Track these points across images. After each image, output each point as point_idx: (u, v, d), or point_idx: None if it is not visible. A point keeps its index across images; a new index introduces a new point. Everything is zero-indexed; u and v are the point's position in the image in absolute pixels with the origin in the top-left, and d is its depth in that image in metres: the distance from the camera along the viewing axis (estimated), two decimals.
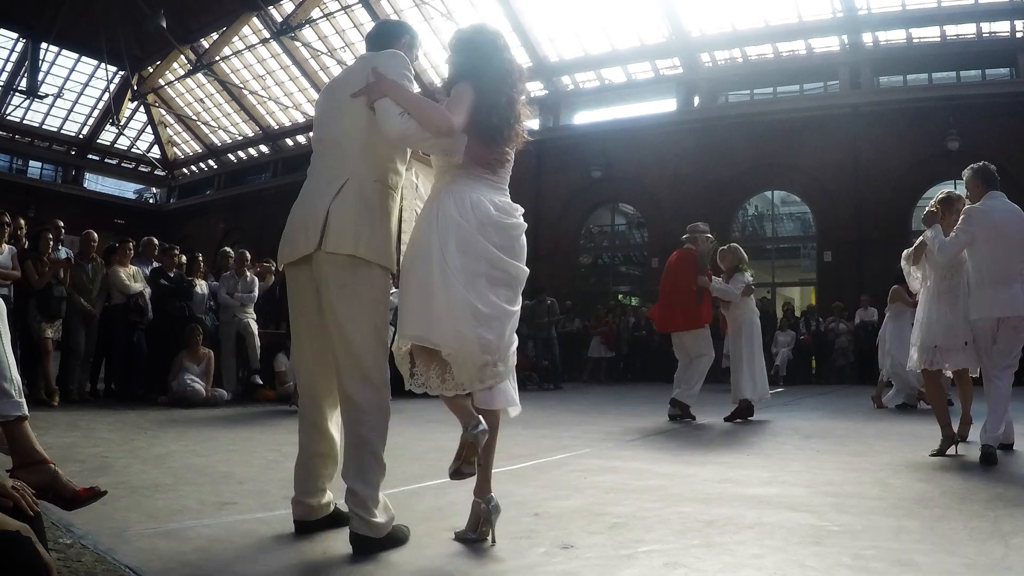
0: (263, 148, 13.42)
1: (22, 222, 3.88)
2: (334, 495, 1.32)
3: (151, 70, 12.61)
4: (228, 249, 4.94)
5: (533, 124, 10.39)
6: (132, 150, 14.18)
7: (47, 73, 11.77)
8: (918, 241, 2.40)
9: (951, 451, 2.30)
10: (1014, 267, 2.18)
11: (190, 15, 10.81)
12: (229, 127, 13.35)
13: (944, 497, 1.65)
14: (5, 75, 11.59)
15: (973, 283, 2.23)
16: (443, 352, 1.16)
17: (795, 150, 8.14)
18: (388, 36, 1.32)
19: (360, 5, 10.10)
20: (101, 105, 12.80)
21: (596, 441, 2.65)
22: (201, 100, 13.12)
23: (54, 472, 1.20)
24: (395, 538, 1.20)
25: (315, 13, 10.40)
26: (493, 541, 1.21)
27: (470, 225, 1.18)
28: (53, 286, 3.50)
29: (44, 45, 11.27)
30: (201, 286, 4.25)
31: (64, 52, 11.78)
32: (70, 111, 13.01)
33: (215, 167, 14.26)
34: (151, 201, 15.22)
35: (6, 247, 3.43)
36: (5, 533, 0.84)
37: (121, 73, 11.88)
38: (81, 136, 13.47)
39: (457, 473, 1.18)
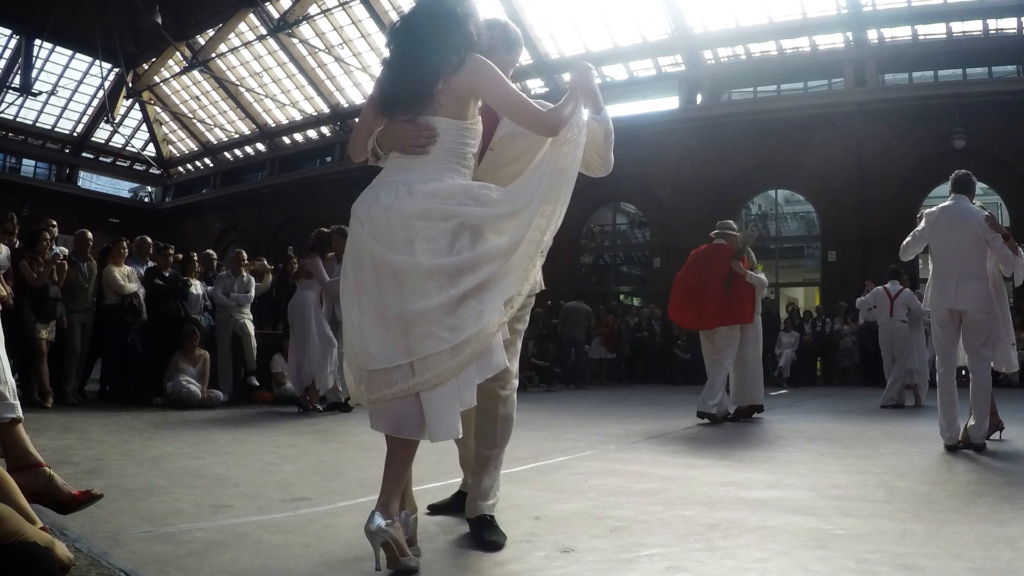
0: (260, 146, 13.32)
1: (16, 219, 3.81)
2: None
3: (146, 67, 12.53)
4: (211, 252, 4.89)
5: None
6: (127, 148, 14.08)
7: (41, 70, 11.68)
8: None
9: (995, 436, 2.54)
10: (965, 265, 2.34)
11: (186, 11, 10.73)
12: (225, 125, 13.27)
13: (950, 500, 1.63)
14: None
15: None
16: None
17: (799, 148, 8.09)
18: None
19: (358, 1, 10.01)
20: (95, 103, 12.74)
21: (597, 443, 2.63)
22: (197, 98, 13.02)
23: (49, 475, 1.19)
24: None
25: (312, 9, 10.32)
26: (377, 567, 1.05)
27: None
28: (48, 287, 3.44)
29: (38, 42, 11.21)
30: (196, 286, 4.19)
31: (58, 49, 11.69)
32: (64, 109, 12.90)
33: (211, 165, 14.17)
34: (146, 200, 15.12)
35: (4, 248, 3.38)
36: (23, 544, 0.83)
37: (116, 70, 11.84)
38: (75, 134, 13.37)
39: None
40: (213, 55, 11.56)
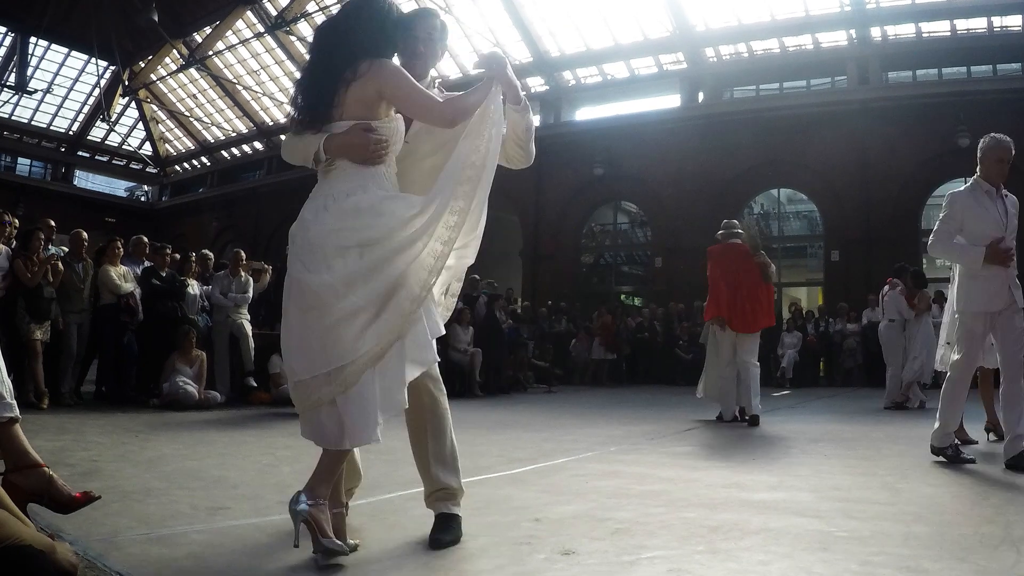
0: (257, 145, 13.24)
1: (17, 222, 3.78)
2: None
3: (143, 65, 12.45)
4: (207, 252, 4.86)
5: (534, 120, 10.40)
6: (123, 147, 14.04)
7: (36, 68, 11.64)
8: None
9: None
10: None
11: (183, 9, 10.69)
12: (222, 123, 13.20)
13: (954, 502, 1.63)
14: None
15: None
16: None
17: (802, 147, 8.02)
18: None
19: None
20: (91, 101, 12.64)
21: (598, 445, 2.62)
22: (194, 96, 12.95)
23: (48, 476, 1.19)
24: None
25: (310, 7, 10.23)
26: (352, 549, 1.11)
27: None
28: (43, 286, 3.41)
29: (33, 39, 11.13)
30: (193, 286, 4.16)
31: (54, 46, 11.65)
32: (60, 107, 12.86)
33: (208, 164, 14.11)
34: (143, 199, 15.06)
35: (2, 247, 3.34)
36: (19, 547, 0.82)
37: (112, 68, 11.79)
38: (71, 132, 13.32)
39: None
40: (210, 53, 11.48)
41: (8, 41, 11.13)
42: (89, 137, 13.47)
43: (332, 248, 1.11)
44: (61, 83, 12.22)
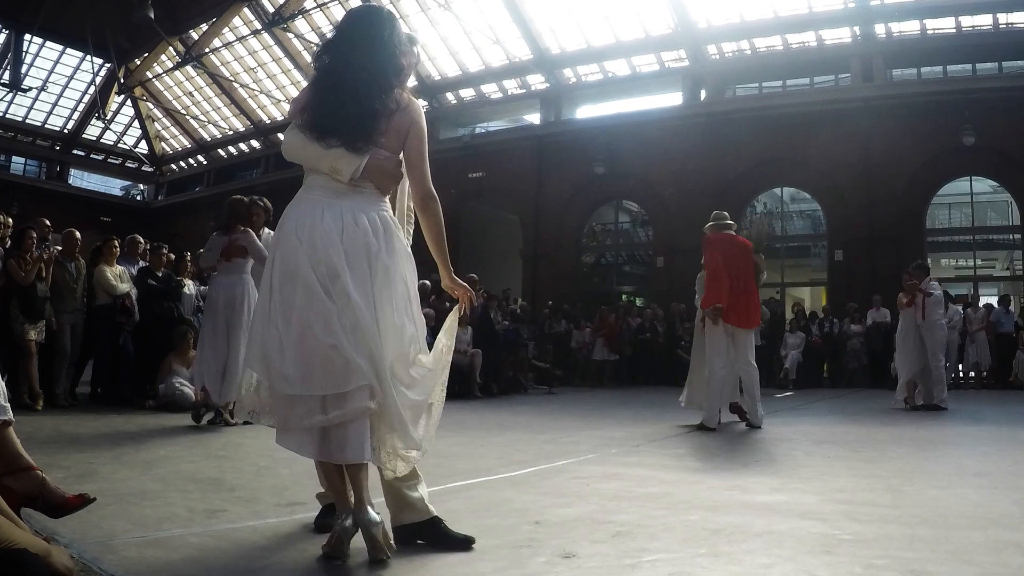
0: (254, 143, 13.18)
1: (11, 221, 3.73)
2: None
3: (138, 62, 12.36)
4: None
5: (534, 118, 10.42)
6: (119, 145, 13.91)
7: (31, 66, 11.52)
8: None
9: None
10: None
11: (179, 6, 10.60)
12: (219, 121, 13.11)
13: (959, 505, 1.61)
14: None
15: None
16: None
17: (805, 145, 7.95)
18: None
19: None
20: (87, 99, 12.56)
21: (599, 447, 2.61)
22: (190, 93, 12.86)
23: (41, 479, 1.18)
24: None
25: (308, 3, 10.17)
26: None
27: None
28: (36, 285, 3.38)
29: (28, 36, 11.05)
30: (190, 286, 4.14)
31: (48, 44, 11.54)
32: (55, 105, 12.73)
33: (204, 163, 14.02)
34: (138, 198, 14.96)
35: None
36: (12, 551, 0.82)
37: (107, 66, 11.76)
38: (66, 131, 13.20)
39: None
40: (207, 50, 11.41)
41: (2, 39, 11.03)
42: (84, 135, 13.35)
43: (383, 263, 1.11)
44: (56, 81, 12.11)
